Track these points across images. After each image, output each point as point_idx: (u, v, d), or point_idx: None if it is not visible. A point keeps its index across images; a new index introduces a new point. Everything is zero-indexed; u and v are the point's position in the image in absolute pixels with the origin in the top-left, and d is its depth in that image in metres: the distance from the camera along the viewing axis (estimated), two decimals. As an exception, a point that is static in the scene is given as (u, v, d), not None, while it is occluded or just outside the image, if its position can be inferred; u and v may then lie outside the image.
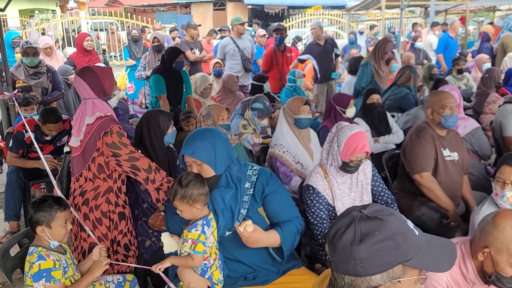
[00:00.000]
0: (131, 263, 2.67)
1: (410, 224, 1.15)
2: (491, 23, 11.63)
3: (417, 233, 1.13)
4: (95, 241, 2.48)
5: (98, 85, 2.56)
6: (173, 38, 9.02)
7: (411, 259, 1.10)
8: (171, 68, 4.71)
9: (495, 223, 1.71)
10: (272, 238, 2.07)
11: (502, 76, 6.11)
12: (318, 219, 2.50)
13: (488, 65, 6.44)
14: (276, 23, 9.09)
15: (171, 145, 3.04)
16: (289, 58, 6.65)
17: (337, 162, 2.48)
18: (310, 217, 2.52)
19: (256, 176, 2.17)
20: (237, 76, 5.56)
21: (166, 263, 1.95)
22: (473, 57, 7.88)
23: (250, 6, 23.95)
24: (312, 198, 2.50)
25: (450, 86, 4.32)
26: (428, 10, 13.16)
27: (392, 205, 2.72)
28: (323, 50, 6.54)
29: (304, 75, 5.95)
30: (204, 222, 1.93)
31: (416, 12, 19.43)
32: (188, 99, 4.90)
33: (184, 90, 4.88)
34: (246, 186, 2.14)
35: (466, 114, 4.66)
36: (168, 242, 2.00)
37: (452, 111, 3.00)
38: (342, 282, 1.14)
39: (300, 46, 10.24)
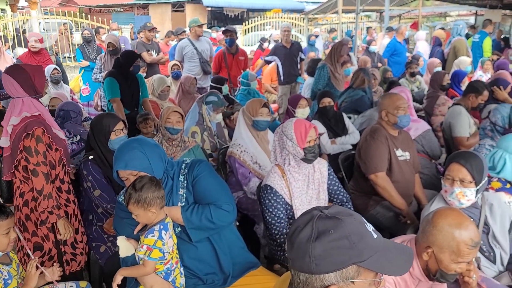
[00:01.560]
0: (80, 261, 2.62)
1: (370, 227, 1.15)
2: (443, 28, 12.12)
3: (375, 236, 1.14)
4: (39, 241, 2.42)
5: (28, 83, 2.50)
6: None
7: (365, 260, 1.11)
8: (127, 72, 4.61)
9: (433, 223, 1.76)
10: (173, 212, 2.03)
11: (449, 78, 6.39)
12: (276, 218, 2.50)
13: (439, 68, 6.69)
14: (234, 26, 9.11)
15: None
16: (240, 62, 6.58)
17: (299, 153, 2.50)
18: (268, 217, 2.52)
19: (187, 168, 2.15)
20: (195, 78, 5.51)
21: (118, 278, 1.89)
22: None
23: (209, 8, 23.85)
24: (270, 197, 2.51)
25: (400, 88, 4.46)
26: (383, 15, 13.56)
27: (347, 204, 2.78)
28: (289, 53, 6.62)
29: (257, 77, 5.99)
30: (161, 226, 1.89)
31: (372, 17, 19.98)
32: (145, 102, 4.81)
33: (140, 93, 4.78)
34: (180, 179, 2.13)
35: (418, 115, 4.84)
36: (125, 246, 1.94)
37: (405, 111, 3.14)
38: (298, 280, 1.15)
39: (266, 45, 10.30)
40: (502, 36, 11.23)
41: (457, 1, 12.56)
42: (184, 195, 2.11)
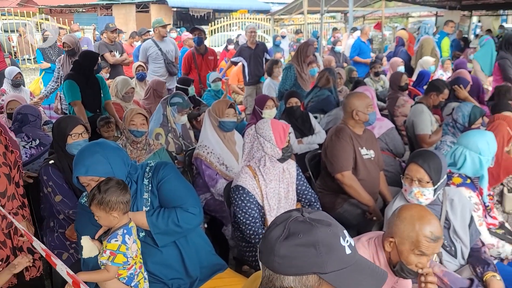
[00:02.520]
0: (39, 266, 2.56)
1: (346, 242, 1.11)
2: (404, 29, 12.43)
3: (348, 251, 1.10)
4: None
5: None
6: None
7: (327, 273, 1.08)
8: (87, 73, 4.49)
9: (398, 215, 1.81)
10: (137, 217, 1.98)
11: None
12: (251, 218, 2.50)
13: (401, 68, 6.85)
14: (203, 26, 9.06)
15: None
16: (210, 61, 6.56)
17: (277, 154, 2.52)
18: (242, 217, 2.51)
19: (152, 171, 2.10)
20: (165, 82, 5.43)
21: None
22: (388, 60, 8.35)
23: (174, 9, 23.61)
24: (242, 198, 2.50)
25: (364, 87, 4.54)
26: (348, 16, 13.79)
27: (315, 203, 2.79)
28: (254, 54, 6.63)
29: (220, 79, 5.96)
30: (125, 231, 1.84)
31: (337, 18, 20.29)
32: (107, 105, 4.69)
33: (102, 95, 4.66)
34: (144, 183, 2.08)
35: (382, 114, 4.93)
36: (88, 246, 1.87)
37: (373, 109, 3.25)
38: (264, 274, 1.15)
39: (231, 47, 10.30)
40: (462, 36, 11.63)
41: (418, 2, 12.90)
42: (149, 199, 2.06)
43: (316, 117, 4.70)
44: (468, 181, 2.58)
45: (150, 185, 2.07)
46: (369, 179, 3.21)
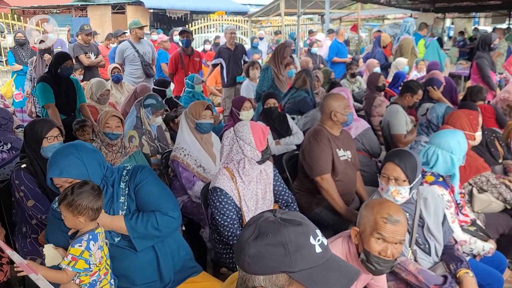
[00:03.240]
0: (6, 271, 2.49)
1: (317, 240, 1.11)
2: (379, 31, 12.61)
3: (318, 250, 1.11)
4: None
5: None
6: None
7: (295, 272, 1.09)
8: (59, 75, 4.40)
9: (365, 206, 1.89)
10: (116, 221, 1.97)
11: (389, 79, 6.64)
12: (229, 220, 2.49)
13: (377, 69, 6.95)
14: (180, 28, 9.00)
15: None
16: (196, 63, 6.56)
17: (256, 157, 2.52)
18: (220, 219, 2.50)
19: (129, 175, 2.09)
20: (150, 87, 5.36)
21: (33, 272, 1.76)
22: (364, 61, 8.45)
23: (151, 10, 23.42)
24: (220, 199, 2.49)
25: (340, 88, 4.60)
26: (324, 18, 13.91)
27: (292, 204, 2.80)
28: (233, 55, 6.64)
29: (203, 81, 5.93)
30: (90, 236, 1.81)
31: (314, 20, 20.44)
32: (82, 107, 4.61)
33: (77, 97, 4.58)
34: (121, 186, 2.06)
35: (358, 115, 4.99)
36: (52, 254, 1.83)
37: (349, 109, 3.30)
38: (239, 274, 1.17)
39: (208, 48, 10.27)
40: (435, 38, 11.88)
41: (393, 5, 13.12)
42: (126, 202, 2.04)
43: (293, 118, 4.72)
44: (441, 179, 2.63)
45: (127, 189, 2.05)
46: (346, 179, 3.24)
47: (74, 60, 5.29)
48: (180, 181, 3.29)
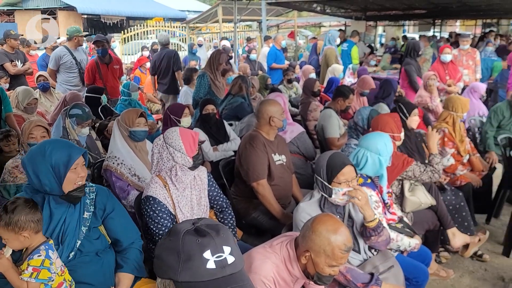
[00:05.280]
0: None
1: (215, 256, 1.10)
2: (314, 38, 13.01)
3: (210, 266, 1.09)
4: None
5: None
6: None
7: (179, 282, 1.08)
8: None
9: (313, 229, 1.85)
10: (127, 281, 2.15)
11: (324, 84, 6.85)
12: (163, 228, 2.45)
13: (313, 75, 7.16)
14: (113, 34, 8.75)
15: None
16: (116, 70, 6.25)
17: (187, 163, 2.49)
18: (154, 228, 2.45)
19: (95, 193, 2.11)
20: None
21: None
22: (300, 68, 8.68)
23: (85, 16, 22.61)
24: (154, 208, 2.44)
25: (276, 93, 4.68)
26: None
27: (226, 209, 2.81)
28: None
29: (139, 88, 5.81)
30: (47, 246, 1.79)
31: (253, 27, 20.67)
32: (8, 117, 4.34)
33: (2, 107, 4.31)
34: (86, 202, 2.08)
35: (295, 119, 5.11)
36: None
37: (284, 115, 3.35)
38: None
39: (146, 54, 10.08)
40: (367, 45, 12.47)
41: (327, 13, 13.56)
42: (90, 220, 2.08)
43: (231, 124, 4.74)
44: (369, 180, 2.75)
45: (92, 207, 2.11)
46: (282, 183, 3.30)
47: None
48: (114, 190, 3.19)
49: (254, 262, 1.87)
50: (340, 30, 9.88)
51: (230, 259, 1.12)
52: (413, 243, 2.70)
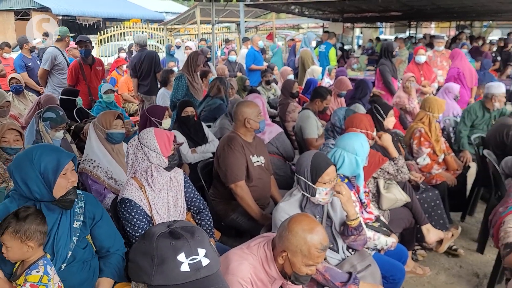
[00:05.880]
0: None
1: (189, 259, 1.09)
2: (292, 39, 13.09)
3: (184, 269, 1.08)
4: None
5: None
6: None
7: (153, 285, 1.08)
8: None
9: (289, 229, 1.86)
10: (107, 285, 2.12)
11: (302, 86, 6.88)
12: (140, 230, 2.42)
13: (291, 76, 7.19)
14: (89, 36, 8.63)
15: None
16: (98, 72, 6.16)
17: (163, 163, 2.46)
18: (131, 231, 2.42)
19: (83, 202, 2.08)
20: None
21: None
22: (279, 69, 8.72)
23: (60, 17, 22.17)
24: (130, 210, 2.41)
25: (254, 94, 4.68)
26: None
27: (204, 210, 2.80)
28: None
29: (113, 91, 5.73)
30: (45, 261, 1.75)
31: (231, 28, 20.67)
32: (-20, 121, 4.24)
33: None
34: (76, 210, 2.04)
35: (274, 121, 5.12)
36: None
37: (262, 117, 3.33)
38: None
39: (123, 56, 9.98)
40: (338, 48, 12.61)
41: (305, 15, 13.65)
42: (79, 229, 2.05)
43: (209, 126, 4.72)
44: (346, 180, 2.77)
45: (82, 215, 2.07)
46: (261, 185, 3.30)
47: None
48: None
49: (231, 264, 1.86)
50: (326, 31, 9.95)
51: (205, 262, 1.11)
52: (390, 241, 2.73)
